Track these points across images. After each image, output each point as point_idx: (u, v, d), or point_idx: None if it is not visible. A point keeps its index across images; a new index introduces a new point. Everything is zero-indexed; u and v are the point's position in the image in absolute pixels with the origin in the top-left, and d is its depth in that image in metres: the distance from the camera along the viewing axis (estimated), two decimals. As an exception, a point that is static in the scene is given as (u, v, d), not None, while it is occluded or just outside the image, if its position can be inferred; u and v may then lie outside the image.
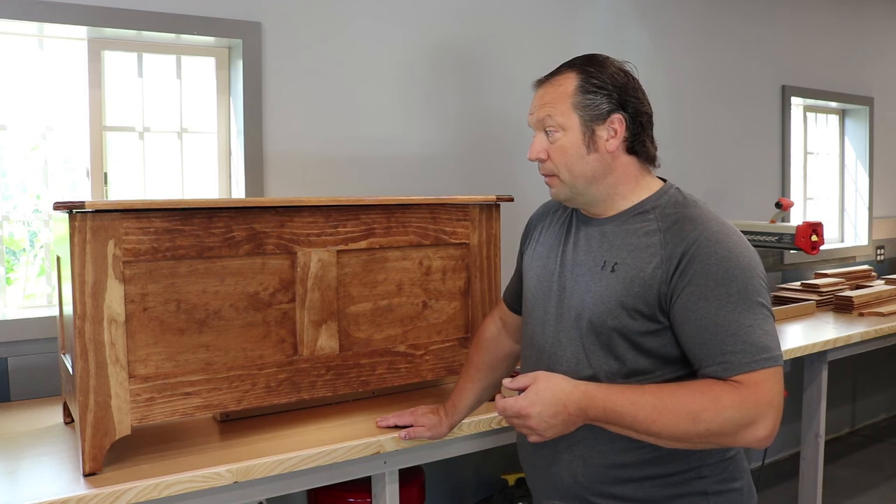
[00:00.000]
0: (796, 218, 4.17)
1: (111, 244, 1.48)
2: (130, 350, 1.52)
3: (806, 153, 4.34)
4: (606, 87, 1.35)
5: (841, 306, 3.42)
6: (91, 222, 1.46)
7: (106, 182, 2.28)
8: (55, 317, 2.02)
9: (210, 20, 2.28)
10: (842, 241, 4.59)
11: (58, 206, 1.43)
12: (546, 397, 1.24)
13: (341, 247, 1.75)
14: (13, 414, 1.93)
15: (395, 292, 1.85)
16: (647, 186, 1.40)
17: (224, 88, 2.44)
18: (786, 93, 4.01)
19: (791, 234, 3.06)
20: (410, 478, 2.14)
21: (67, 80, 2.26)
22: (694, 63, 3.59)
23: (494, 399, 1.31)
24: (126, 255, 1.50)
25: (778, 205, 3.31)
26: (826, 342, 2.82)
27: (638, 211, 1.37)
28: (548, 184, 1.43)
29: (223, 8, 2.32)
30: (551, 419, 1.24)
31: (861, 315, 3.30)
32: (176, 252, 1.55)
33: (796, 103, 4.21)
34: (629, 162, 1.38)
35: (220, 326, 1.62)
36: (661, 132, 1.46)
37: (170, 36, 2.27)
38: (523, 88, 1.63)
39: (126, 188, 2.33)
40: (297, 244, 1.69)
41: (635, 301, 1.30)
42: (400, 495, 1.82)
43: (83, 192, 2.27)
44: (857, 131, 4.55)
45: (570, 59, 1.41)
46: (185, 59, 2.40)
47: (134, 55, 2.32)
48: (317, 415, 1.86)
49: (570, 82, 1.36)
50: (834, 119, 4.55)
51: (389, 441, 1.71)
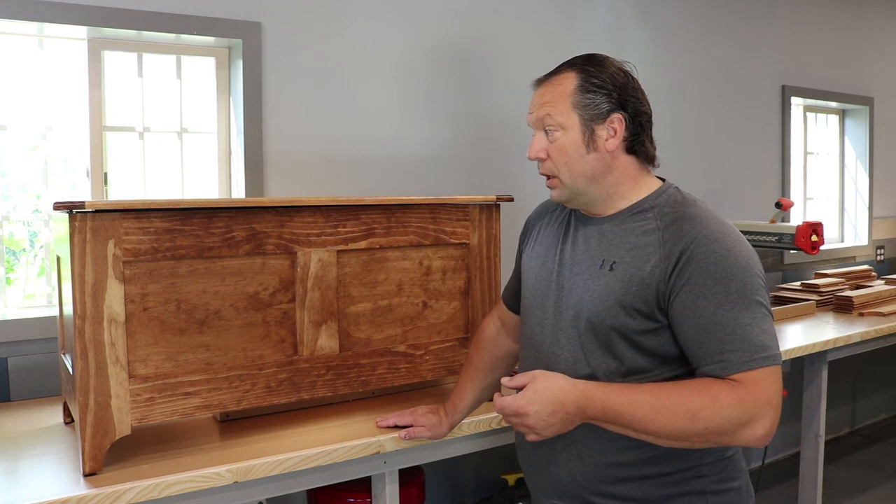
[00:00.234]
0: (796, 218, 4.17)
1: (111, 244, 1.48)
2: (130, 350, 1.52)
3: (806, 153, 4.34)
4: (606, 87, 1.35)
5: (841, 306, 3.42)
6: (91, 222, 1.46)
7: (106, 182, 2.28)
8: (55, 317, 2.02)
9: (210, 20, 2.29)
10: (842, 241, 4.59)
11: (58, 206, 1.43)
12: (544, 396, 1.24)
13: (341, 247, 1.75)
14: (13, 414, 1.93)
15: (395, 292, 1.85)
16: (647, 186, 1.40)
17: (224, 88, 2.44)
18: (786, 93, 4.01)
19: (791, 234, 3.05)
20: (410, 478, 2.14)
21: (67, 80, 2.26)
22: (694, 63, 3.59)
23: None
24: (126, 255, 1.50)
25: (778, 205, 3.30)
26: (826, 342, 2.82)
27: (636, 210, 1.37)
28: (548, 186, 1.43)
29: (223, 8, 2.32)
30: (549, 418, 1.24)
31: (861, 315, 3.30)
32: (176, 252, 1.55)
33: (796, 103, 4.21)
34: (628, 162, 1.38)
35: (220, 326, 1.62)
36: (661, 132, 1.47)
37: (170, 36, 2.27)
38: (523, 88, 1.63)
39: (126, 188, 2.33)
40: (297, 244, 1.69)
41: (634, 300, 1.30)
42: (400, 495, 1.82)
43: (83, 192, 2.27)
44: (857, 131, 4.55)
45: (570, 59, 1.41)
46: (185, 59, 2.40)
47: (134, 55, 2.32)
48: (317, 415, 1.86)
49: (570, 82, 1.36)
50: (834, 119, 4.55)
51: (389, 441, 1.71)
